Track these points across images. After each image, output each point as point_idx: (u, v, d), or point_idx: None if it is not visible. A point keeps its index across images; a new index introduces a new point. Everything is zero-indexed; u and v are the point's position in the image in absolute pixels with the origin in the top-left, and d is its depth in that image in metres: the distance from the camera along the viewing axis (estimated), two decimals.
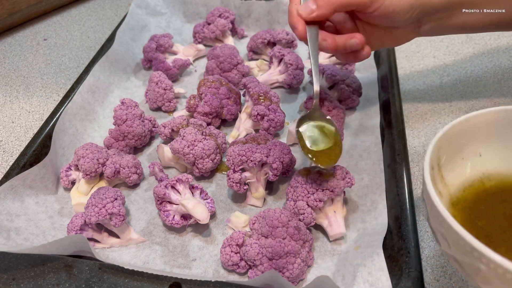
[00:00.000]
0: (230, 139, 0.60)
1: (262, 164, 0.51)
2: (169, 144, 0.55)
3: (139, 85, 0.71)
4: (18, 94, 0.71)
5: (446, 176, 0.37)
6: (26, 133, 0.64)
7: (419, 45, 0.78)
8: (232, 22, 0.80)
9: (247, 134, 0.59)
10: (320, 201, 0.46)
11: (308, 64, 0.73)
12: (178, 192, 0.49)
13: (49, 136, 0.55)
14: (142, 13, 0.80)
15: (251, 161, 0.49)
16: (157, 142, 0.61)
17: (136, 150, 0.60)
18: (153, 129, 0.61)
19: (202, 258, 0.47)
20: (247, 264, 0.44)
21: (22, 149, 0.56)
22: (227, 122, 0.64)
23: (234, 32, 0.82)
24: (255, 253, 0.42)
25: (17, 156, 0.57)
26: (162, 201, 0.49)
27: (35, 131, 0.59)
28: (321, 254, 0.46)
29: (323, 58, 0.73)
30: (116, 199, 0.47)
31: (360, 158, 0.56)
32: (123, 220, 0.47)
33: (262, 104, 0.58)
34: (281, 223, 0.43)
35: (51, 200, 0.52)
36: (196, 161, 0.53)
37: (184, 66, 0.72)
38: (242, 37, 0.82)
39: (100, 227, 0.48)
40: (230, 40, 0.79)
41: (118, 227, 0.47)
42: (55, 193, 0.53)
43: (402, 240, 0.42)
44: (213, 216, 0.51)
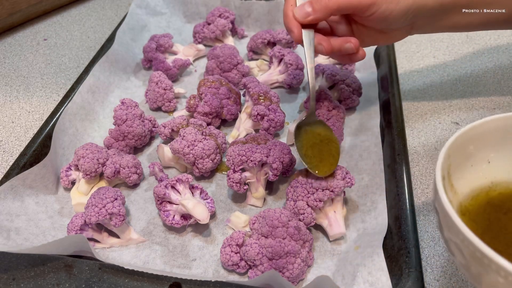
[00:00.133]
0: (230, 139, 0.60)
1: (262, 164, 0.51)
2: (169, 144, 0.55)
3: (139, 85, 0.71)
4: (18, 94, 0.71)
5: (455, 183, 0.37)
6: (26, 133, 0.64)
7: (419, 45, 0.78)
8: (232, 22, 0.80)
9: (247, 134, 0.59)
10: (320, 201, 0.46)
11: None
12: (178, 192, 0.49)
13: (49, 136, 0.55)
14: (142, 13, 0.80)
15: (251, 161, 0.49)
16: (157, 142, 0.61)
17: (136, 150, 0.60)
18: (153, 129, 0.61)
19: (202, 258, 0.47)
20: (247, 264, 0.44)
21: (22, 149, 0.56)
22: (227, 122, 0.64)
23: (234, 32, 0.82)
24: (255, 253, 0.42)
25: (17, 156, 0.57)
26: (162, 201, 0.49)
27: (35, 131, 0.59)
28: (321, 254, 0.46)
29: (323, 58, 0.73)
30: (116, 199, 0.47)
31: (360, 158, 0.56)
32: (123, 220, 0.47)
33: (262, 104, 0.58)
34: (281, 223, 0.43)
35: (51, 200, 0.52)
36: (196, 161, 0.53)
37: (184, 66, 0.72)
38: (242, 37, 0.82)
39: (100, 227, 0.48)
40: (230, 40, 0.79)
41: (118, 227, 0.47)
42: (55, 193, 0.53)
43: (402, 240, 0.42)
44: (213, 216, 0.51)
